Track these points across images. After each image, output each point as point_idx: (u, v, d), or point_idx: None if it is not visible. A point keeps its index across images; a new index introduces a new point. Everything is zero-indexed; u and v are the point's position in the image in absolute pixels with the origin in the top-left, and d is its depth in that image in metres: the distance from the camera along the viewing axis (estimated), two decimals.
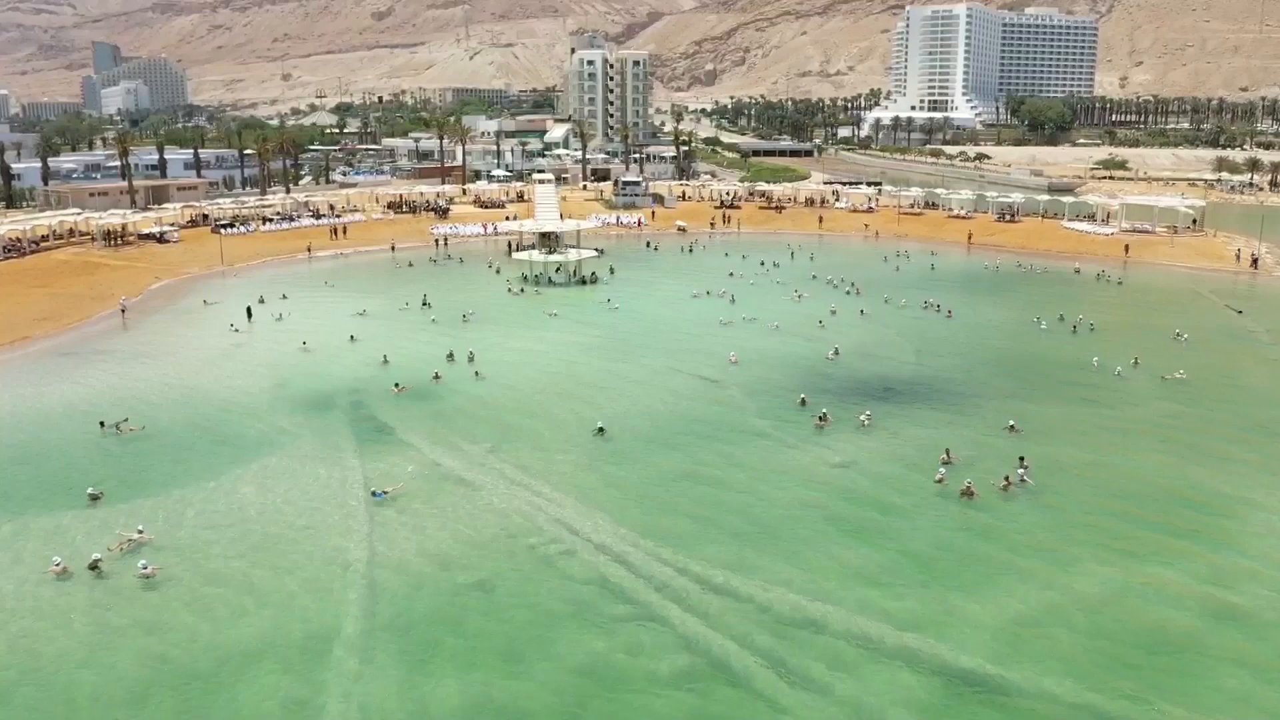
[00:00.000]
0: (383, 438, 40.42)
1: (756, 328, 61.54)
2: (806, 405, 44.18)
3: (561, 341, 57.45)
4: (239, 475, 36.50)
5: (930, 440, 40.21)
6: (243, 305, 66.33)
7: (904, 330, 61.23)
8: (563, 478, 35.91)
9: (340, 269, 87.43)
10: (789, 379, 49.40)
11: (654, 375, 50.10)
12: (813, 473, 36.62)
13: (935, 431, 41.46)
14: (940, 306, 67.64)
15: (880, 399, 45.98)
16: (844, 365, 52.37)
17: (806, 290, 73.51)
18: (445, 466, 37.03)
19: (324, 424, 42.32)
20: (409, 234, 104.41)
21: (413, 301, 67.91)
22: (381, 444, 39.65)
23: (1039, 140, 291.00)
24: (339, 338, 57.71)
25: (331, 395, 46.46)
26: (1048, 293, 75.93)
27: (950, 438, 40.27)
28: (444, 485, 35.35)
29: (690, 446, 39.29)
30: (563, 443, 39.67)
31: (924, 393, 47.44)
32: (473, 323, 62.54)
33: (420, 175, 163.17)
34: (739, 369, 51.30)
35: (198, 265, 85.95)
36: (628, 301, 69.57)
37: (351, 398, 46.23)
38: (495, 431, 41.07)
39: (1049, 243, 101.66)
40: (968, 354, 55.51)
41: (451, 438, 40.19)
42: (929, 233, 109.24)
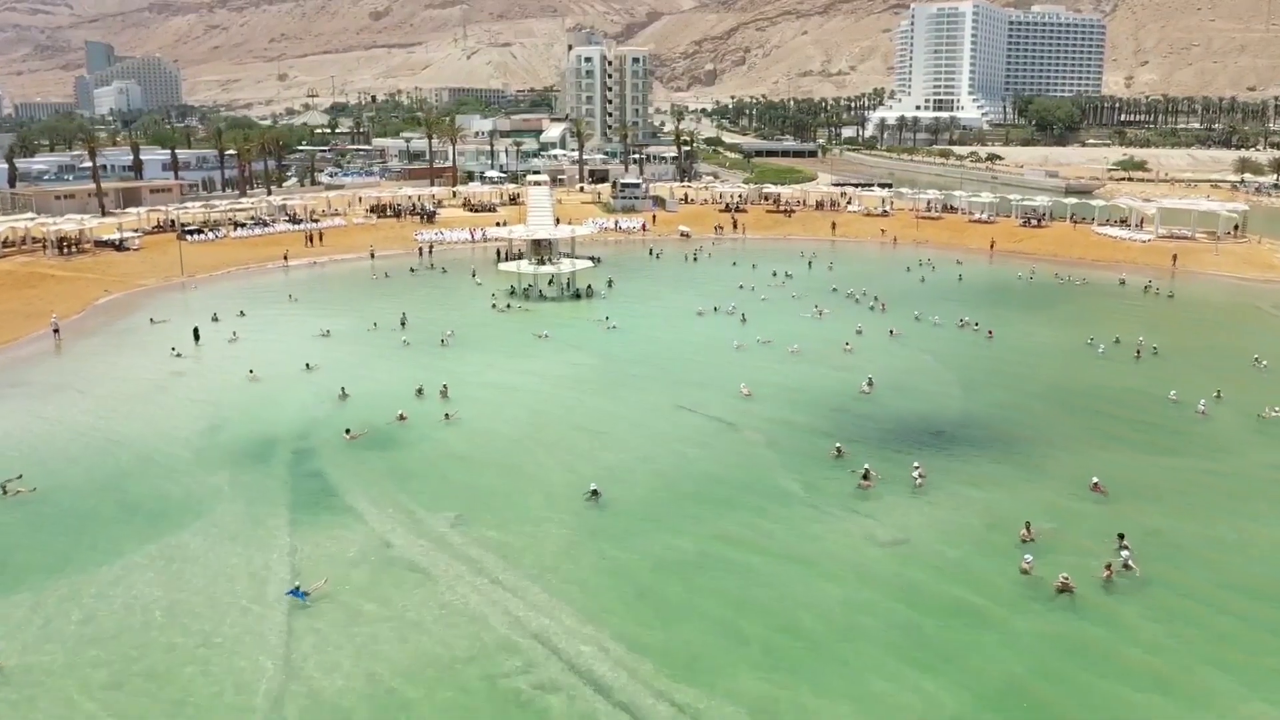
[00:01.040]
0: (324, 505, 32.75)
1: (773, 352, 53.92)
2: (843, 457, 36.57)
3: (551, 371, 49.73)
4: (141, 559, 28.90)
5: (999, 505, 32.68)
6: (193, 324, 58.80)
7: (942, 355, 53.65)
8: (546, 565, 28.29)
9: (311, 280, 79.78)
10: (817, 419, 41.81)
11: (657, 415, 42.48)
12: (861, 557, 29.00)
13: (1003, 493, 33.89)
14: (978, 325, 60.10)
15: (929, 446, 38.38)
16: (880, 401, 44.77)
17: (826, 305, 65.88)
18: (396, 548, 29.39)
19: (257, 484, 34.66)
20: (391, 240, 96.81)
21: (383, 320, 60.20)
22: (322, 514, 31.98)
23: (1048, 140, 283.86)
24: (294, 365, 50.01)
25: (273, 442, 38.83)
26: (1093, 308, 68.36)
27: (1023, 503, 32.74)
28: (390, 576, 27.72)
29: (704, 516, 31.67)
30: (547, 511, 32.03)
31: (979, 438, 39.84)
32: (451, 347, 54.88)
33: (410, 176, 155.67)
34: (756, 405, 43.71)
35: (155, 276, 78.30)
36: (627, 319, 61.92)
37: (296, 445, 38.59)
38: (464, 495, 33.43)
39: (1080, 250, 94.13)
40: (1019, 385, 47.90)
41: (409, 504, 32.55)
42: (950, 239, 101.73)
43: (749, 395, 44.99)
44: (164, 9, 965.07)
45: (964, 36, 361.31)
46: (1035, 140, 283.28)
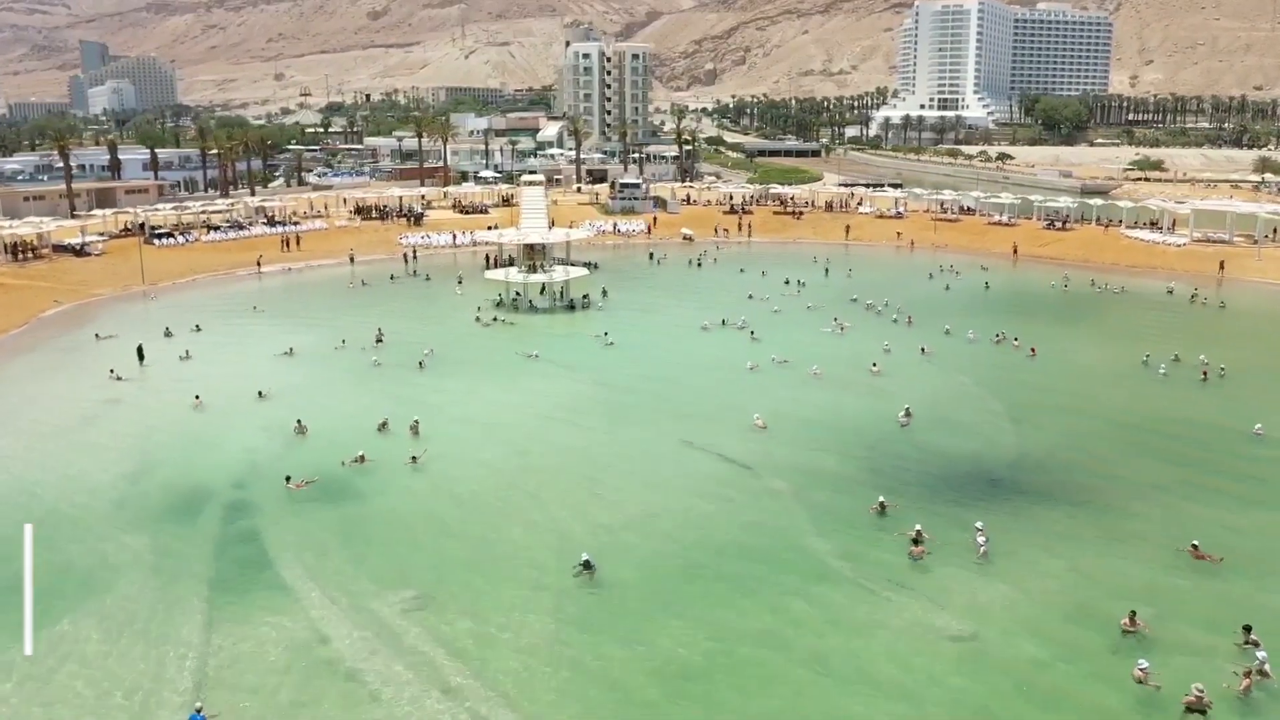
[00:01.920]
0: (254, 580, 26.55)
1: (792, 374, 47.72)
2: (887, 514, 30.40)
3: (539, 399, 43.47)
4: (13, 659, 22.73)
5: (1083, 580, 26.56)
6: (142, 340, 52.68)
7: (982, 377, 47.46)
8: (521, 674, 22.07)
9: (282, 289, 73.69)
10: (850, 461, 35.64)
11: (662, 455, 36.28)
12: (924, 659, 22.80)
13: (1084, 561, 27.74)
14: (1018, 341, 53.91)
15: (985, 497, 32.21)
16: (920, 436, 38.59)
17: (846, 318, 59.66)
18: (333, 645, 23.17)
19: (178, 549, 28.46)
20: (374, 244, 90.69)
21: (354, 336, 53.96)
22: (249, 593, 25.79)
23: (1055, 140, 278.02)
24: (247, 391, 43.80)
25: (207, 492, 32.63)
26: (1140, 320, 62.25)
27: (1111, 575, 26.67)
28: (320, 689, 21.51)
29: (723, 598, 25.49)
30: (529, 590, 25.84)
31: (1042, 486, 33.66)
32: (428, 368, 48.67)
33: (402, 177, 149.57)
34: (776, 441, 37.57)
35: (113, 285, 72.13)
36: (625, 334, 55.66)
37: (234, 496, 32.40)
38: (426, 566, 27.25)
39: (1112, 255, 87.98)
40: (1076, 416, 41.68)
41: (356, 580, 26.38)
42: (970, 242, 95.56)
43: (764, 428, 38.90)
44: (161, 9, 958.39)
45: (969, 34, 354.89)
46: (1043, 140, 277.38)
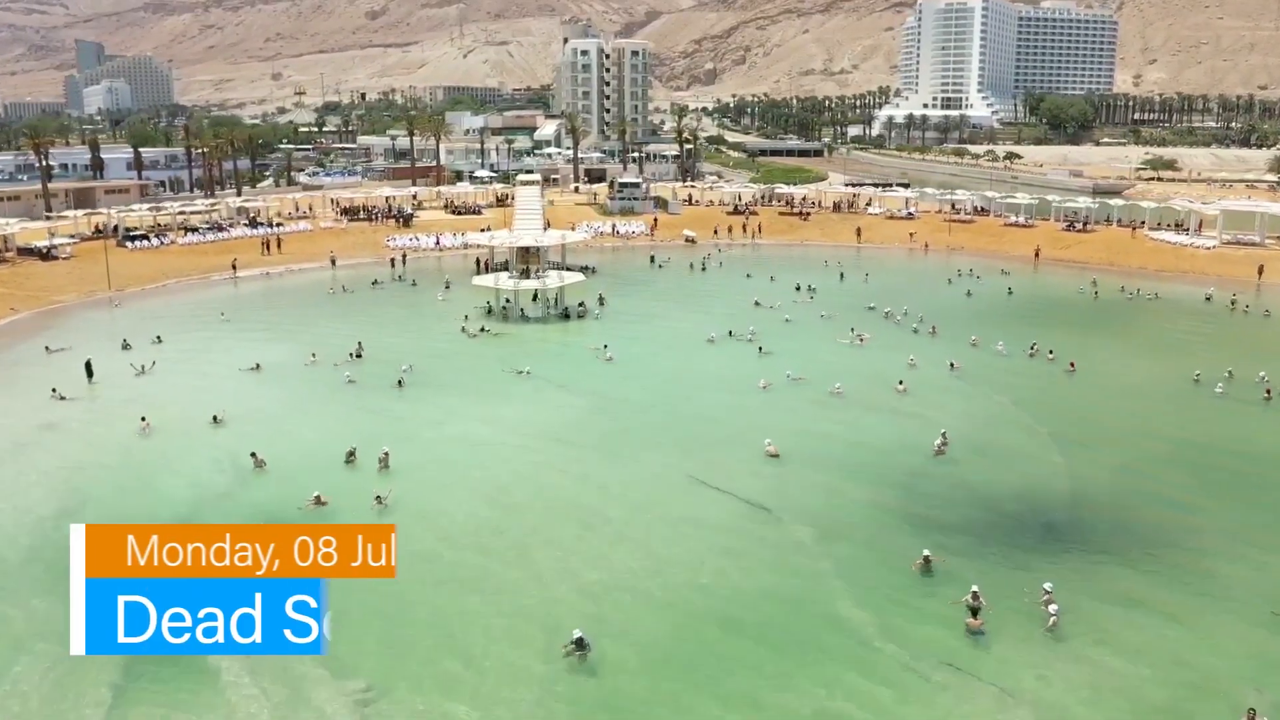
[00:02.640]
0: (171, 665, 21.81)
1: (809, 393, 43.04)
2: (933, 570, 25.81)
3: (527, 424, 38.75)
4: None
5: (1175, 658, 22.00)
6: (98, 352, 48.09)
7: (1019, 396, 42.82)
8: None
9: (257, 295, 69.04)
10: (882, 499, 31.02)
11: (666, 495, 31.63)
12: None
13: (1175, 632, 23.17)
14: (1053, 354, 49.28)
15: (1044, 548, 27.62)
16: (959, 468, 33.97)
17: (865, 328, 54.97)
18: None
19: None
20: (360, 246, 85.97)
21: (327, 349, 49.21)
22: (166, 683, 21.08)
23: (1060, 139, 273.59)
24: (202, 413, 39.15)
25: None
26: (1180, 330, 57.69)
27: (1207, 650, 22.11)
28: None
29: (738, 689, 20.85)
30: (508, 680, 21.18)
31: (1107, 532, 29.05)
32: (408, 386, 44.00)
33: (395, 176, 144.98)
34: (796, 473, 33.01)
35: (77, 291, 67.47)
36: (625, 347, 50.93)
37: None
38: (383, 644, 22.54)
39: (1138, 258, 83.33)
40: (1131, 443, 37.04)
41: (298, 664, 21.69)
42: (987, 244, 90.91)
43: (776, 455, 34.32)
44: (159, 9, 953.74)
45: (973, 32, 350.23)
46: (1049, 139, 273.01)
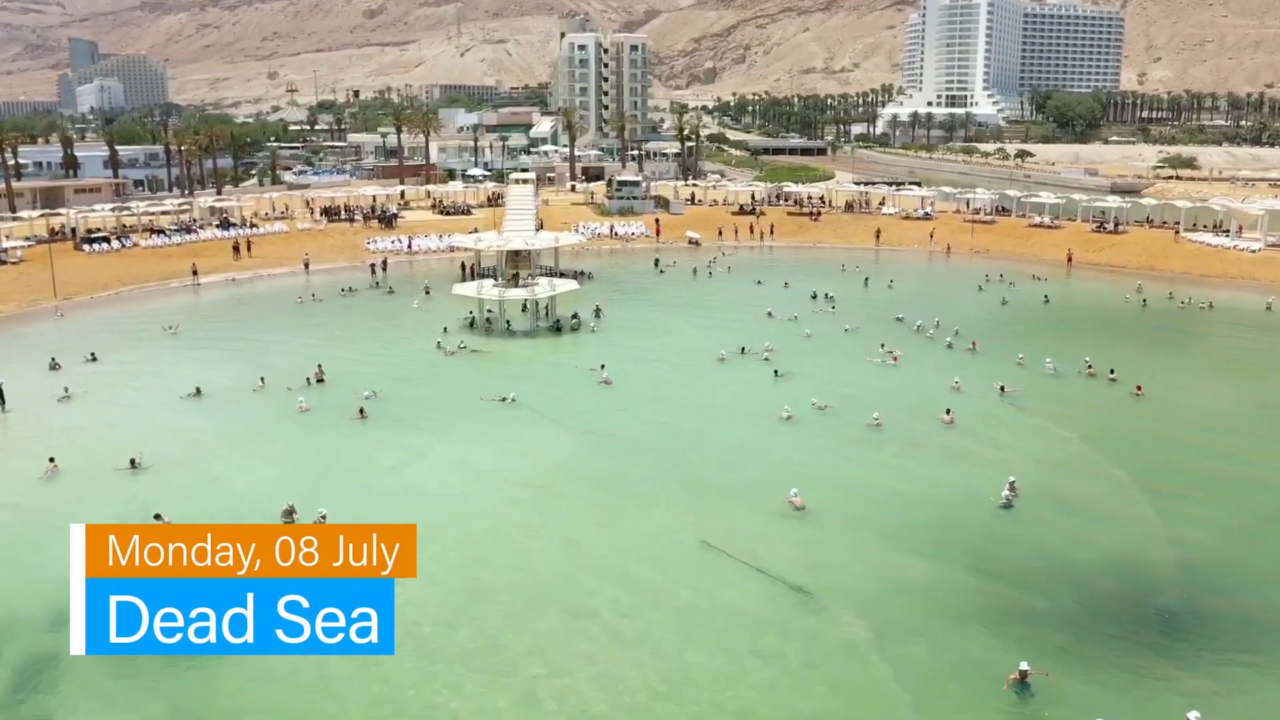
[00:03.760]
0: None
1: (838, 426, 36.67)
2: (1031, 687, 19.51)
3: (508, 470, 32.27)
4: None
5: None
6: (20, 373, 41.85)
7: (1086, 429, 36.41)
8: None
9: (217, 304, 62.66)
10: (945, 577, 24.69)
11: (674, 568, 25.22)
12: None
13: None
14: (1114, 375, 42.97)
15: (1165, 649, 21.34)
16: (1033, 528, 27.67)
17: (896, 343, 48.53)
18: None
19: None
20: (337, 250, 79.71)
21: (279, 371, 42.78)
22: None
23: (1068, 137, 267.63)
24: (120, 454, 32.78)
25: (7, 626, 21.75)
26: (1247, 345, 51.52)
27: None
28: None
29: None
30: None
31: (1236, 618, 22.83)
32: (371, 416, 37.64)
33: (385, 175, 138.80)
34: (833, 535, 26.80)
35: (20, 300, 61.19)
36: (624, 367, 44.50)
37: (40, 640, 21.43)
38: None
39: (1180, 262, 77.17)
40: (1232, 492, 30.65)
41: None
42: (1013, 247, 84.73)
43: (802, 508, 28.08)
44: (155, 8, 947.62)
45: (978, 29, 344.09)
46: (1056, 137, 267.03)
